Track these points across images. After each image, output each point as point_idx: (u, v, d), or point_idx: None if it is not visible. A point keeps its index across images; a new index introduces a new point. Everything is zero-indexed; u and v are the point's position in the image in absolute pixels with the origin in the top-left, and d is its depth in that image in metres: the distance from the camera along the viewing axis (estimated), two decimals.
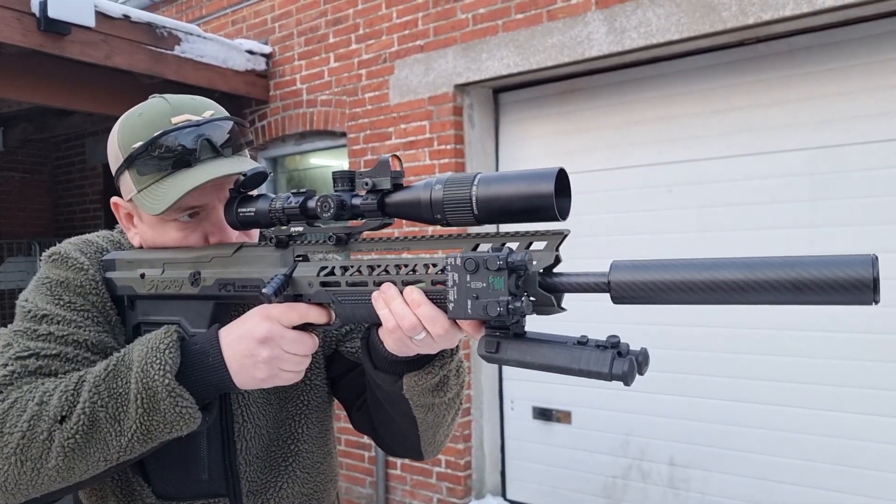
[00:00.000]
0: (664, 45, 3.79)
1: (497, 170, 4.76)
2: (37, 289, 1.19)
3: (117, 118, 1.28)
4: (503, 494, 4.76)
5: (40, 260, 1.27)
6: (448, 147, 4.55)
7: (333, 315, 1.07)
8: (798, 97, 3.66)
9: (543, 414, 4.57)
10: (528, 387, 4.64)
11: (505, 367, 4.73)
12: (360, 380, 1.32)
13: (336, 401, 1.44)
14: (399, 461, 4.84)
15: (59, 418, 1.01)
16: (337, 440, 1.47)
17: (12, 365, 1.08)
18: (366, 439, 4.92)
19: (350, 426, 1.42)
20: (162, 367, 1.04)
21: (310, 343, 1.08)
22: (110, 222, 7.03)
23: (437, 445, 1.29)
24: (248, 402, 1.26)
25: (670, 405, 4.07)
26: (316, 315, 1.07)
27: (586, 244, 4.16)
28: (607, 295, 0.78)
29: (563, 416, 4.50)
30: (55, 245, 1.25)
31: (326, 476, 1.38)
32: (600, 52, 3.92)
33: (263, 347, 1.04)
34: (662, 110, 4.08)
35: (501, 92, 4.70)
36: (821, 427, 3.63)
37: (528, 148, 4.61)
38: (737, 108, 3.84)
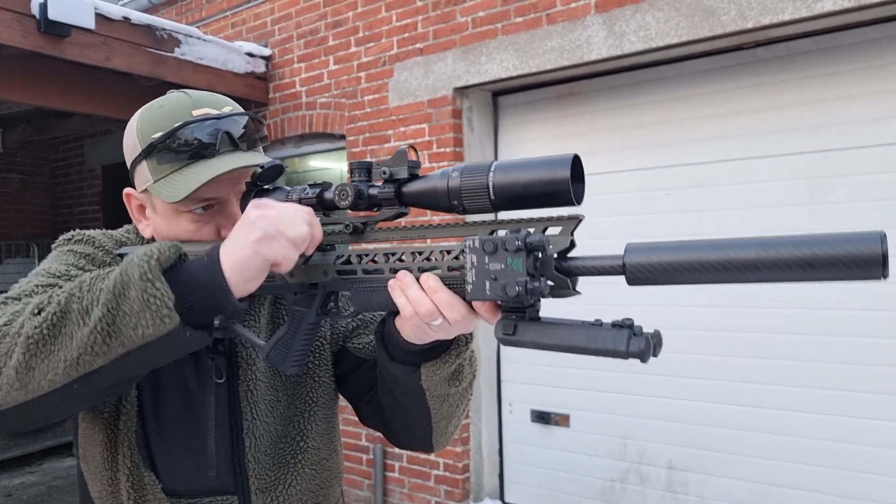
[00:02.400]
0: (663, 49, 3.81)
1: None
2: (57, 258, 1.19)
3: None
4: (501, 497, 4.75)
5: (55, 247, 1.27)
6: (447, 150, 4.56)
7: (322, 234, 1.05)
8: (796, 101, 3.69)
9: (542, 417, 4.57)
10: (526, 390, 4.64)
11: (503, 370, 4.73)
12: (369, 374, 1.32)
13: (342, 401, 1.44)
14: (397, 464, 4.83)
15: (35, 311, 0.95)
16: None
17: (34, 287, 1.09)
18: (364, 441, 4.92)
19: (348, 428, 1.42)
20: (147, 254, 0.93)
21: (305, 209, 1.02)
22: (109, 224, 7.02)
23: (447, 437, 1.30)
24: (257, 399, 1.26)
25: (668, 408, 4.08)
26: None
27: (585, 247, 4.14)
28: (622, 278, 0.79)
29: (561, 420, 4.50)
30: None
31: (332, 473, 1.38)
32: (599, 56, 3.94)
33: (256, 210, 0.99)
34: (661, 114, 4.10)
35: (500, 95, 4.72)
36: (818, 430, 3.64)
37: (528, 151, 4.62)
38: (735, 112, 3.86)
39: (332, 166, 5.67)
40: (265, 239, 0.95)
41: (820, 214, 3.61)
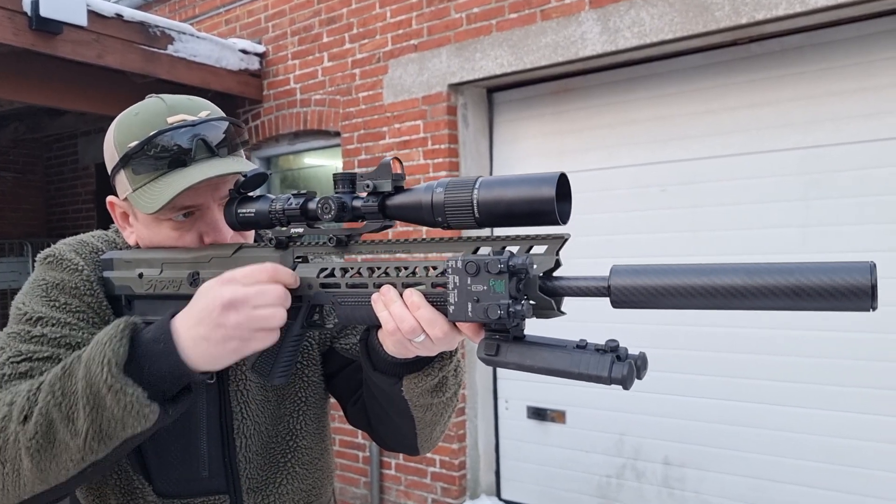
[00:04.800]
0: (657, 45, 3.80)
1: (491, 169, 4.77)
2: (31, 291, 1.19)
3: (110, 118, 1.28)
4: (498, 494, 4.76)
5: (35, 260, 1.26)
6: (442, 147, 4.55)
7: (298, 279, 1.06)
8: (790, 97, 3.68)
9: (538, 413, 4.58)
10: (522, 386, 4.64)
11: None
12: (355, 376, 1.33)
13: (331, 399, 1.44)
14: (393, 461, 4.84)
15: (21, 419, 0.99)
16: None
17: (4, 368, 1.08)
18: (360, 439, 4.92)
19: (344, 426, 1.42)
20: (101, 361, 0.97)
21: (277, 291, 1.01)
22: (103, 222, 7.00)
23: (433, 442, 1.31)
24: (247, 399, 1.27)
25: (665, 404, 4.08)
26: (285, 275, 1.03)
27: (579, 244, 4.14)
28: (607, 299, 0.78)
29: (557, 416, 4.50)
30: (48, 245, 1.25)
31: (324, 472, 1.39)
32: (594, 52, 3.93)
33: (230, 313, 0.97)
34: (656, 110, 4.09)
35: (495, 91, 4.70)
36: (815, 426, 3.65)
37: (522, 148, 4.61)
38: (729, 108, 3.85)
39: (326, 163, 5.65)
40: (241, 347, 1.00)
41: (813, 210, 3.61)
